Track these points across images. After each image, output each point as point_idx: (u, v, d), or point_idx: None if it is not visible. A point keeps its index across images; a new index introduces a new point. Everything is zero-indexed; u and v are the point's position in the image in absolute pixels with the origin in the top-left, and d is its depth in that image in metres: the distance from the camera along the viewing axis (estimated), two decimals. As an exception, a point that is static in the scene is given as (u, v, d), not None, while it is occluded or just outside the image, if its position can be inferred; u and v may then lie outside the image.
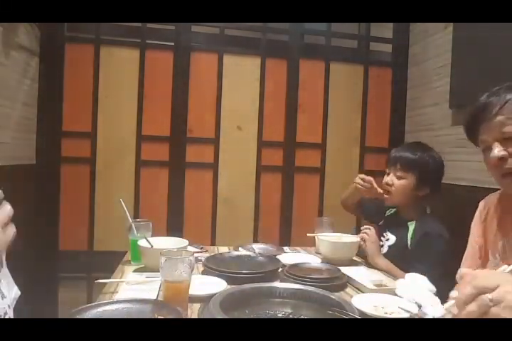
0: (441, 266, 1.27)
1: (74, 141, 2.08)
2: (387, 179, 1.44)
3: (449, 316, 0.60)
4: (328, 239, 1.44)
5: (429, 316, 0.89)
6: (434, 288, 1.04)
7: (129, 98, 2.14)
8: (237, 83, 2.27)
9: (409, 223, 1.40)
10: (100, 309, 0.79)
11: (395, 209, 1.55)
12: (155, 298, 0.95)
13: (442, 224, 1.38)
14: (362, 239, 1.37)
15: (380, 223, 1.58)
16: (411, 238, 1.36)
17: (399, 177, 1.41)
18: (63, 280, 2.10)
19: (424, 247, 1.31)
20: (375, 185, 1.46)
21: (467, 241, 1.15)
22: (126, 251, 1.38)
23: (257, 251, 1.43)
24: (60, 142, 2.06)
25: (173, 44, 2.18)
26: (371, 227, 1.39)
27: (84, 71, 2.09)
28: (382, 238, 1.47)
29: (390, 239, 1.44)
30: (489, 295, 0.52)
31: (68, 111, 2.08)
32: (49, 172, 2.04)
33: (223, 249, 1.51)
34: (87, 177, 2.10)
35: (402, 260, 1.32)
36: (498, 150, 0.89)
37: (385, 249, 1.44)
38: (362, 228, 1.41)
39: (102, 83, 2.11)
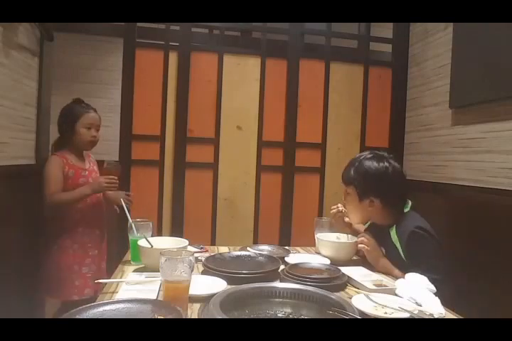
0: (439, 258, 1.25)
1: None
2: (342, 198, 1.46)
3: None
4: (327, 239, 1.45)
5: (429, 316, 0.89)
6: (434, 288, 1.04)
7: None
8: (237, 83, 2.27)
9: (390, 229, 1.35)
10: (100, 309, 0.79)
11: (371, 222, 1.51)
12: (155, 298, 0.95)
13: (421, 217, 1.34)
14: (360, 248, 1.36)
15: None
16: (399, 243, 1.30)
17: (347, 194, 1.41)
18: (63, 280, 2.10)
19: (413, 247, 1.26)
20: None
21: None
22: (126, 251, 1.38)
23: (265, 252, 1.42)
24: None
25: (173, 44, 2.18)
26: (365, 235, 1.36)
27: (152, 75, 2.14)
28: None
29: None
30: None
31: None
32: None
33: (223, 249, 1.50)
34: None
35: (400, 267, 1.28)
36: None
37: None
38: (359, 236, 1.38)
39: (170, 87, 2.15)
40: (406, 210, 1.38)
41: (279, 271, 1.18)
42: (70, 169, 1.68)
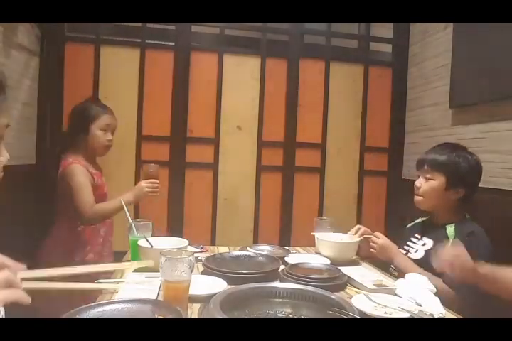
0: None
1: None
2: (416, 182, 1.41)
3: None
4: (327, 239, 1.45)
5: (429, 316, 0.89)
6: (434, 288, 1.04)
7: (129, 98, 2.14)
8: (237, 83, 2.27)
9: (447, 225, 1.34)
10: (100, 309, 0.79)
11: (427, 217, 1.50)
12: (155, 298, 0.95)
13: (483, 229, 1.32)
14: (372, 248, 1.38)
15: (409, 225, 1.54)
16: (453, 239, 1.27)
17: (427, 179, 1.37)
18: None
19: (470, 247, 1.19)
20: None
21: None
22: (126, 251, 1.38)
23: (264, 252, 1.42)
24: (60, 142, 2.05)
25: (173, 44, 2.18)
26: (377, 234, 1.38)
27: (84, 71, 2.09)
28: (412, 243, 1.43)
29: (427, 243, 1.37)
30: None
31: (68, 111, 2.06)
32: (49, 172, 2.03)
33: (223, 249, 1.51)
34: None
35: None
36: None
37: (420, 254, 1.37)
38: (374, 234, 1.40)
39: (102, 83, 2.11)
40: (468, 217, 1.38)
41: (279, 271, 1.18)
42: (98, 179, 1.57)
